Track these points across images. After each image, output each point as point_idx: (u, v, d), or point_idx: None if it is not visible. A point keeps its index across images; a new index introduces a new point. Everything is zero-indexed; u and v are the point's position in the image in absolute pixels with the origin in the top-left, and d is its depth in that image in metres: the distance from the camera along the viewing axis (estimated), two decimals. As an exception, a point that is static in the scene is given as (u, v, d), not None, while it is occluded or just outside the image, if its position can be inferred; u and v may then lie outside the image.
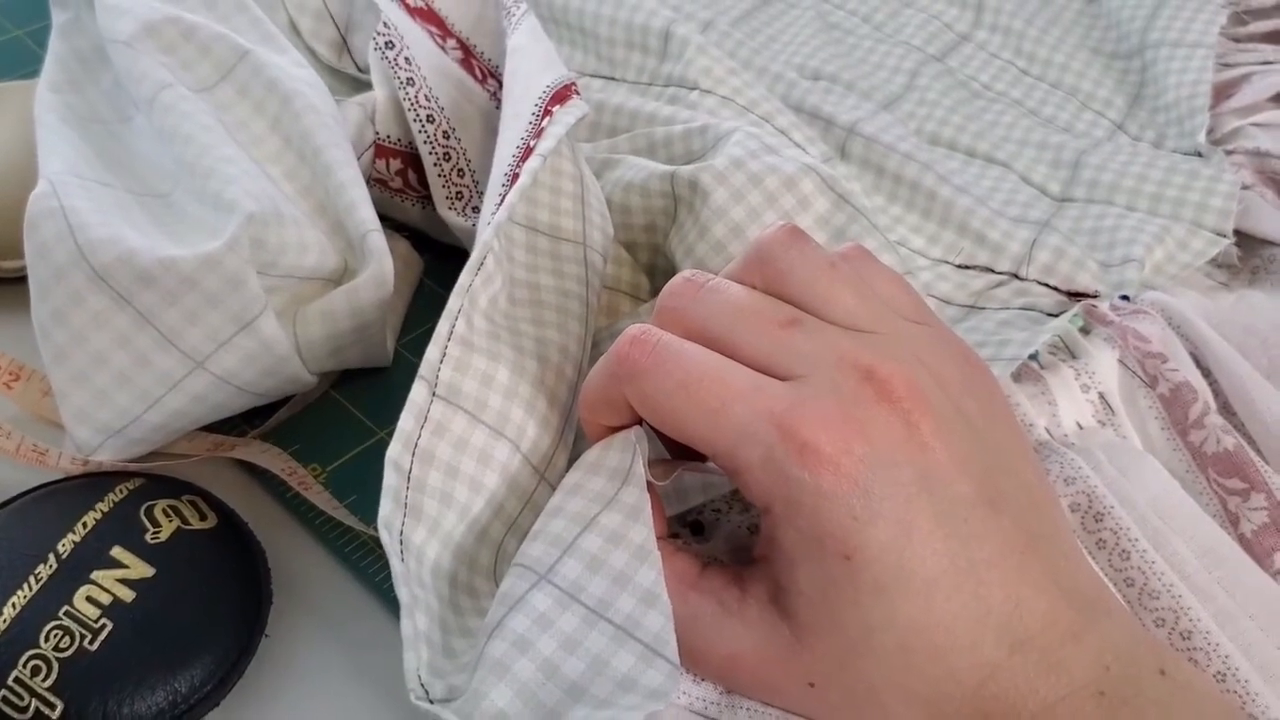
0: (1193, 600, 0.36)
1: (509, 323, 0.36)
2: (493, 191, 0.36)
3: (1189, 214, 0.47)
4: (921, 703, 0.29)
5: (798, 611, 0.29)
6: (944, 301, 0.46)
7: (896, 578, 0.28)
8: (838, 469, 0.28)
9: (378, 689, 0.35)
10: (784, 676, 0.30)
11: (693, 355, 0.30)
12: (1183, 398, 0.41)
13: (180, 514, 0.36)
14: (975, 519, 0.29)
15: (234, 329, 0.35)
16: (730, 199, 0.39)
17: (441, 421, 0.32)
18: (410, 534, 0.30)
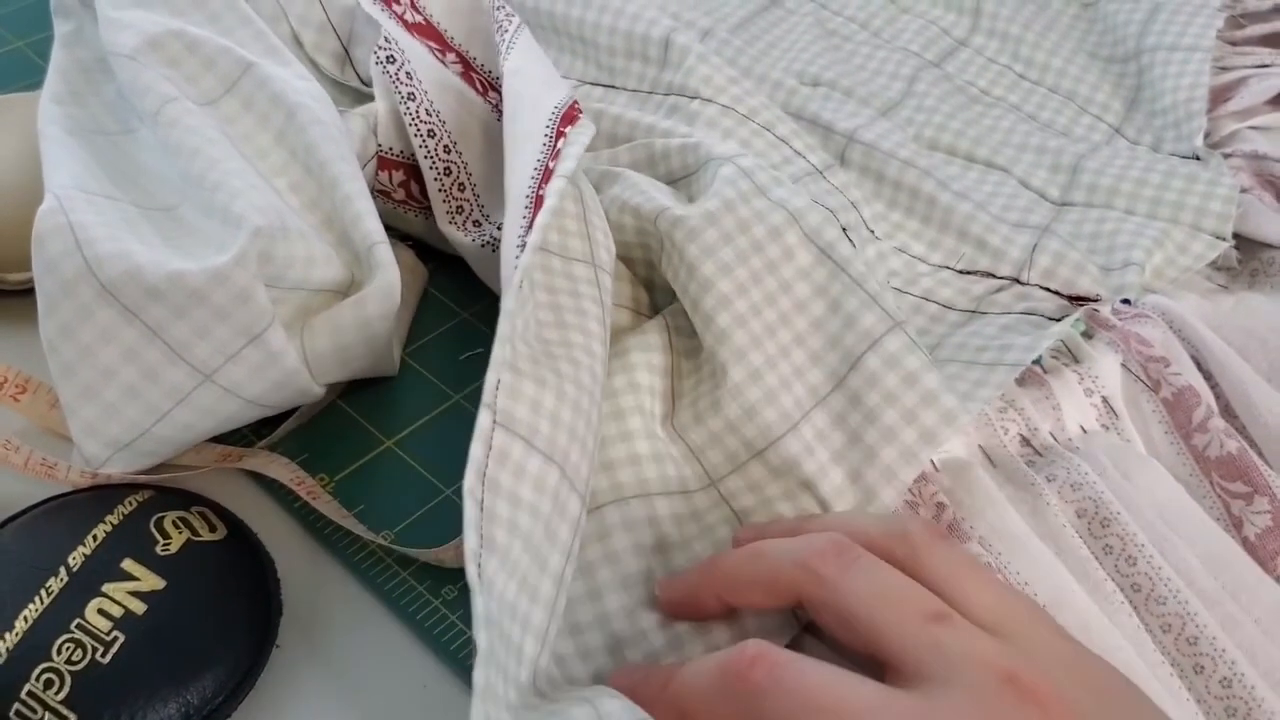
0: (1199, 605, 0.37)
1: (542, 346, 0.36)
2: (515, 212, 0.36)
3: (1188, 217, 0.47)
4: None
5: None
6: (946, 307, 0.46)
7: None
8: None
9: (390, 699, 0.35)
10: None
11: (813, 677, 0.29)
12: (1186, 402, 0.41)
13: (190, 526, 0.36)
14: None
15: (242, 342, 0.35)
16: (720, 240, 0.39)
17: (503, 449, 0.32)
18: (486, 565, 0.30)
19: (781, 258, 0.40)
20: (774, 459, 0.38)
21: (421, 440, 0.41)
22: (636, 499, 0.37)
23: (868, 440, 0.38)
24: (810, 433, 0.38)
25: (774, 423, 0.38)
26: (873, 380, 0.38)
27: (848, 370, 0.39)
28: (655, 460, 0.38)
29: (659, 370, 0.41)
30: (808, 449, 0.38)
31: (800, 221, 0.40)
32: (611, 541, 0.36)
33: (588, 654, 0.34)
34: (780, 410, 0.38)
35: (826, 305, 0.40)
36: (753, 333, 0.39)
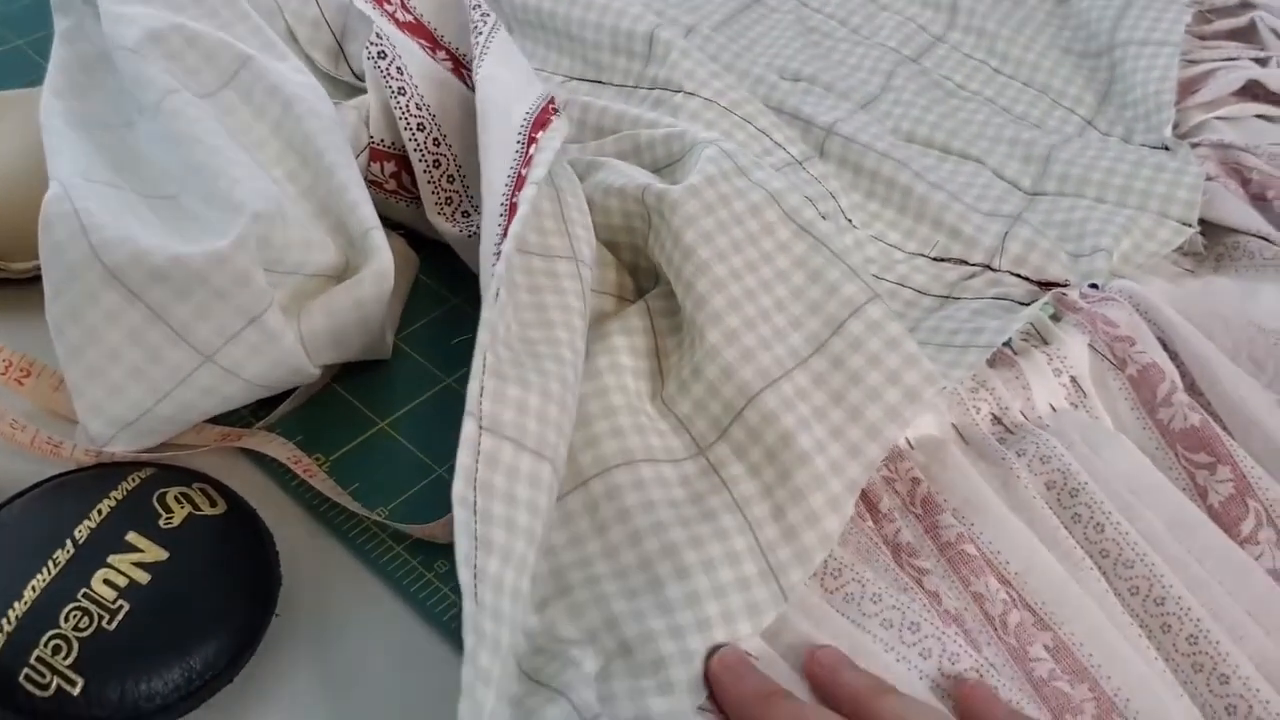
0: (1165, 569, 0.38)
1: (526, 347, 0.37)
2: (490, 220, 0.38)
3: (1155, 205, 0.49)
4: None
5: None
6: (920, 292, 0.48)
7: None
8: None
9: (383, 663, 0.36)
10: None
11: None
12: (1150, 378, 0.43)
13: (191, 501, 0.37)
14: None
15: (242, 323, 0.37)
16: (702, 210, 0.41)
17: (492, 453, 0.33)
18: (484, 565, 0.31)
19: (761, 232, 0.41)
20: (752, 416, 0.38)
21: (414, 421, 0.43)
22: (620, 467, 0.38)
23: (851, 399, 0.39)
24: (791, 389, 0.39)
25: (751, 380, 0.39)
26: (856, 344, 0.39)
27: (830, 334, 0.40)
28: (639, 432, 0.39)
29: (642, 352, 0.42)
30: (787, 403, 0.39)
31: (780, 201, 0.42)
32: (600, 512, 0.37)
33: (577, 612, 0.35)
34: (758, 367, 0.39)
35: (807, 275, 0.41)
36: (731, 296, 0.40)
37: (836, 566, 0.37)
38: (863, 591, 0.37)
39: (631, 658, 0.33)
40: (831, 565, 0.37)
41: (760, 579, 0.35)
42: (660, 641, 0.33)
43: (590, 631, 0.34)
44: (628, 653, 0.33)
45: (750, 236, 0.41)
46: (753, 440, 0.38)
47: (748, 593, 0.35)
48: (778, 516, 0.37)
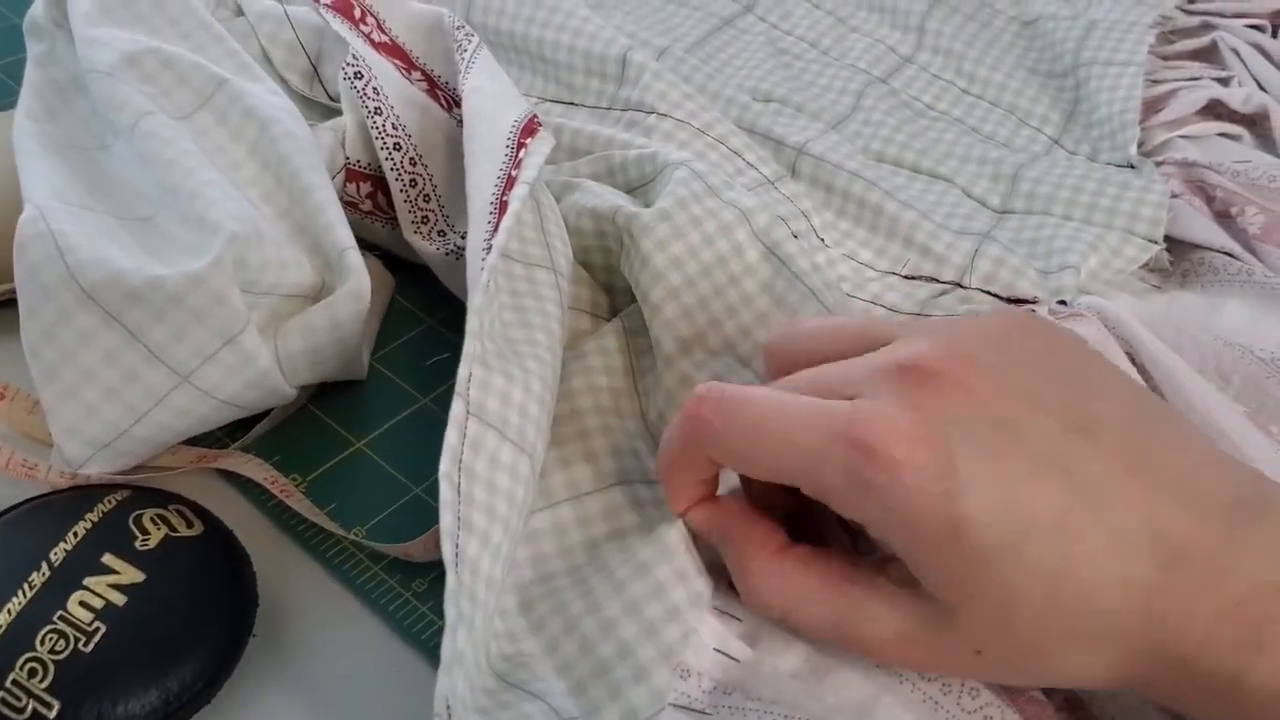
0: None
1: (508, 344, 0.37)
2: (479, 219, 0.38)
3: (1122, 222, 0.50)
4: (1089, 646, 0.29)
5: (938, 595, 0.30)
6: (892, 310, 0.48)
7: (1013, 531, 0.28)
8: (911, 461, 0.29)
9: (361, 683, 0.36)
10: (950, 652, 0.31)
11: (755, 398, 0.32)
12: (1118, 393, 0.44)
13: (168, 522, 0.37)
14: (1072, 450, 0.30)
15: (218, 344, 0.37)
16: (672, 234, 0.42)
17: (477, 438, 0.33)
18: (465, 546, 0.31)
19: (732, 252, 0.42)
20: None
21: (390, 441, 0.43)
22: (591, 495, 0.38)
23: None
24: None
25: None
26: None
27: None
28: (613, 454, 0.39)
29: (618, 370, 0.42)
30: None
31: (751, 220, 0.43)
32: (569, 535, 0.37)
33: (539, 625, 0.35)
34: None
35: (771, 300, 0.42)
36: (697, 327, 0.41)
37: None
38: None
39: (594, 653, 0.33)
40: None
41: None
42: (621, 625, 0.34)
43: (552, 642, 0.34)
44: (589, 650, 0.33)
45: (720, 258, 0.42)
46: None
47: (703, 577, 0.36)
48: None
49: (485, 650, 0.33)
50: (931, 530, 0.29)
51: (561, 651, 0.34)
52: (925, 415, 0.30)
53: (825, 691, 0.33)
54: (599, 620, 0.34)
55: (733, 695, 0.34)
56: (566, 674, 0.33)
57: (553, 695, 0.32)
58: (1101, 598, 0.29)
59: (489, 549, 0.32)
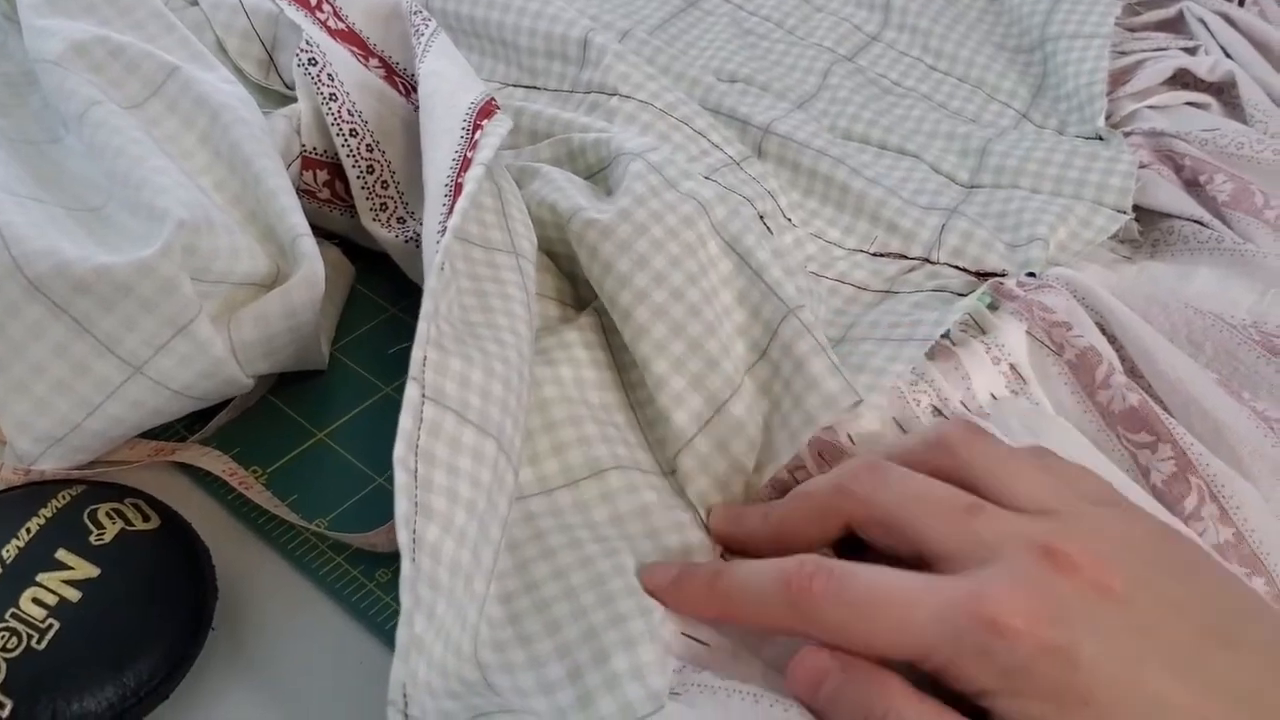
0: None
1: (467, 328, 0.37)
2: (435, 202, 0.37)
3: (1090, 193, 0.49)
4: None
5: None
6: (860, 288, 0.48)
7: (1144, 705, 0.28)
8: (1035, 634, 0.29)
9: (324, 675, 0.36)
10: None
11: (865, 576, 0.31)
12: (1088, 361, 0.43)
13: (124, 516, 0.37)
14: (1210, 658, 0.29)
15: (170, 333, 0.36)
16: (634, 232, 0.40)
17: (435, 421, 0.33)
18: (423, 532, 0.31)
19: (696, 242, 0.41)
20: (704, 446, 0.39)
21: (352, 432, 0.42)
22: (588, 480, 0.38)
23: (784, 409, 0.39)
24: (740, 408, 0.39)
25: (701, 410, 0.39)
26: (774, 369, 0.40)
27: (757, 358, 0.40)
28: (605, 442, 0.39)
29: (604, 364, 0.42)
30: (732, 432, 0.39)
31: (709, 213, 0.42)
32: (565, 518, 0.37)
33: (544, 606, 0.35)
34: (708, 393, 0.39)
35: (734, 296, 0.41)
36: (674, 321, 0.40)
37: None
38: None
39: (591, 627, 0.33)
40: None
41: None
42: (619, 600, 0.33)
43: (554, 623, 0.34)
44: (591, 635, 0.33)
45: (688, 248, 0.41)
46: (718, 451, 0.38)
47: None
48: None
49: (473, 635, 0.33)
50: (1062, 697, 0.29)
51: (562, 635, 0.34)
52: (1052, 597, 0.30)
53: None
54: (595, 590, 0.34)
55: (703, 674, 0.33)
56: (547, 686, 0.33)
57: (532, 700, 0.32)
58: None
59: (452, 533, 0.32)
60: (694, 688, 0.33)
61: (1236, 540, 0.39)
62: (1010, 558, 0.31)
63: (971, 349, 0.44)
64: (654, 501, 0.37)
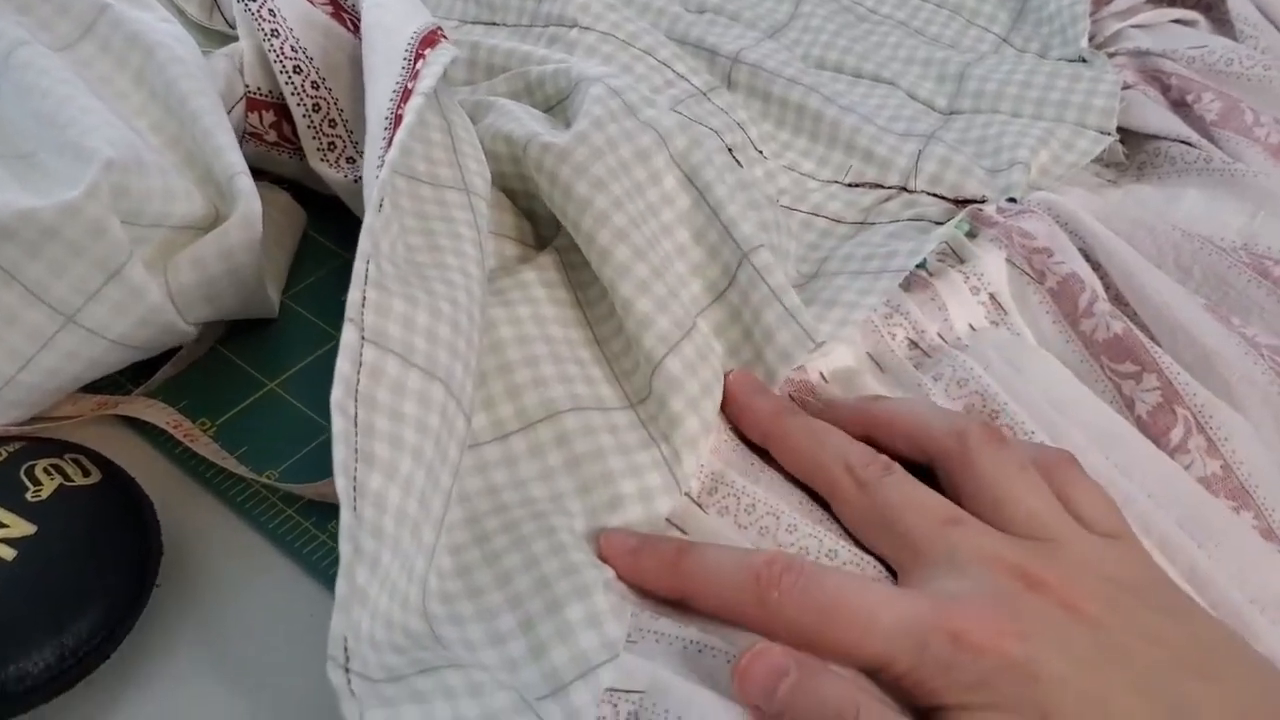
0: (1092, 485, 0.37)
1: (413, 268, 0.35)
2: (374, 137, 0.36)
3: (1072, 115, 0.47)
4: None
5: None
6: (835, 220, 0.46)
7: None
8: (999, 647, 0.28)
9: (275, 629, 0.34)
10: None
11: (834, 577, 0.31)
12: (1070, 289, 0.41)
13: (62, 472, 0.35)
14: (1186, 685, 0.29)
15: (101, 279, 0.35)
16: (591, 156, 0.38)
17: (376, 365, 0.31)
18: (365, 480, 0.29)
19: (648, 181, 0.39)
20: (674, 366, 0.37)
21: (304, 381, 0.41)
22: (543, 422, 0.36)
23: (743, 357, 0.38)
24: (701, 338, 0.38)
25: (668, 331, 0.37)
26: (734, 314, 0.39)
27: (713, 299, 0.39)
28: (563, 382, 0.37)
29: (565, 302, 0.40)
30: (701, 354, 0.37)
31: (669, 144, 0.40)
32: (519, 469, 0.35)
33: (494, 558, 0.33)
34: (674, 318, 0.37)
35: (691, 234, 0.40)
36: (635, 245, 0.38)
37: (712, 484, 0.36)
38: (738, 504, 0.35)
39: (543, 576, 0.32)
40: (708, 483, 0.36)
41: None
42: (572, 550, 0.32)
43: (505, 574, 0.32)
44: (544, 584, 0.32)
45: (638, 186, 0.39)
46: (672, 390, 0.36)
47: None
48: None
49: (421, 586, 0.31)
50: (1021, 710, 0.28)
51: (513, 587, 0.32)
52: (1020, 614, 0.29)
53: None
54: (533, 578, 0.32)
55: (659, 622, 0.32)
56: (497, 637, 0.31)
57: (481, 652, 0.31)
58: None
59: (396, 481, 0.30)
60: (649, 635, 0.32)
61: (1224, 473, 0.38)
62: (979, 575, 0.31)
63: (949, 279, 0.42)
64: (611, 445, 0.35)
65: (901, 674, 0.29)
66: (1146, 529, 0.36)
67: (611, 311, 0.38)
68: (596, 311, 0.40)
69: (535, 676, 0.30)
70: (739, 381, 0.38)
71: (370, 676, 0.27)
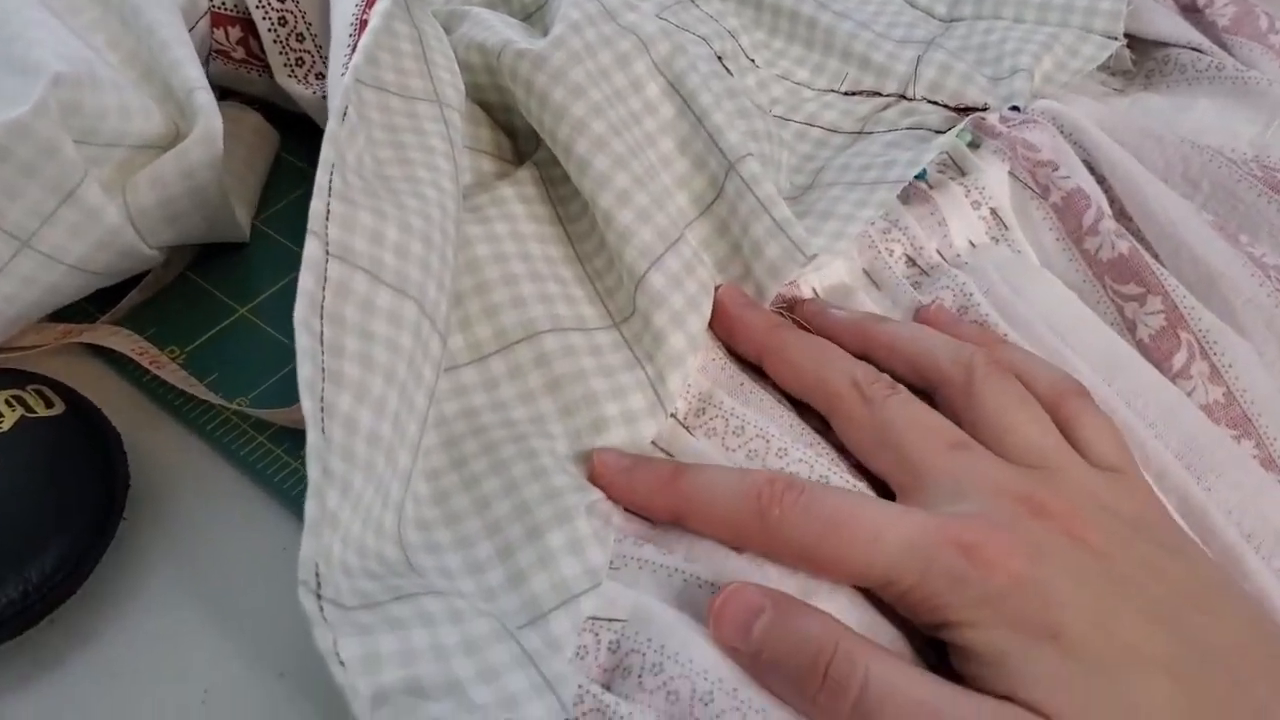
0: (1092, 412, 0.35)
1: (381, 182, 0.33)
2: (339, 43, 0.34)
3: (1078, 20, 0.45)
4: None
5: (1039, 703, 0.26)
6: (831, 130, 0.44)
7: (1125, 656, 0.27)
8: (1008, 564, 0.28)
9: (246, 559, 0.33)
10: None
11: (836, 494, 0.30)
12: (1075, 205, 0.40)
13: (24, 403, 0.34)
14: (1189, 617, 0.28)
15: (55, 201, 0.33)
16: (569, 60, 0.36)
17: (342, 281, 0.29)
18: (334, 400, 0.28)
19: (629, 88, 0.37)
20: (657, 281, 0.35)
21: (276, 306, 0.39)
22: (522, 343, 0.35)
23: (731, 273, 0.37)
24: (689, 251, 0.36)
25: (651, 243, 0.35)
26: (721, 227, 0.37)
27: (700, 212, 0.37)
28: (543, 301, 0.36)
29: (544, 218, 0.38)
30: (688, 267, 0.36)
31: (650, 49, 0.38)
32: (499, 391, 0.34)
33: (473, 483, 0.32)
34: (657, 229, 0.36)
35: (676, 144, 0.38)
36: (616, 154, 0.36)
37: (700, 405, 0.35)
38: (726, 426, 0.34)
39: (523, 502, 0.31)
40: (695, 403, 0.35)
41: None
42: (554, 474, 0.31)
43: (483, 500, 0.31)
44: (524, 510, 0.31)
45: (618, 93, 0.37)
46: (655, 306, 0.35)
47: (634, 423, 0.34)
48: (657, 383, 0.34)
49: (397, 511, 0.30)
50: (1027, 627, 0.27)
51: (491, 513, 0.31)
52: (1026, 537, 0.29)
53: (763, 558, 0.30)
54: (513, 503, 0.31)
55: (644, 549, 0.31)
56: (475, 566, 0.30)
57: (458, 581, 0.29)
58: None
59: (367, 403, 0.29)
60: (633, 562, 0.30)
61: (1226, 400, 0.36)
62: (984, 500, 0.30)
63: (949, 192, 0.41)
64: (593, 366, 0.34)
65: (907, 589, 0.28)
66: (1145, 460, 0.34)
67: (593, 227, 0.37)
68: (578, 228, 0.38)
69: (514, 605, 0.29)
70: (729, 294, 0.36)
71: (343, 603, 0.26)
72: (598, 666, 0.29)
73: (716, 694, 0.28)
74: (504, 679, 0.27)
